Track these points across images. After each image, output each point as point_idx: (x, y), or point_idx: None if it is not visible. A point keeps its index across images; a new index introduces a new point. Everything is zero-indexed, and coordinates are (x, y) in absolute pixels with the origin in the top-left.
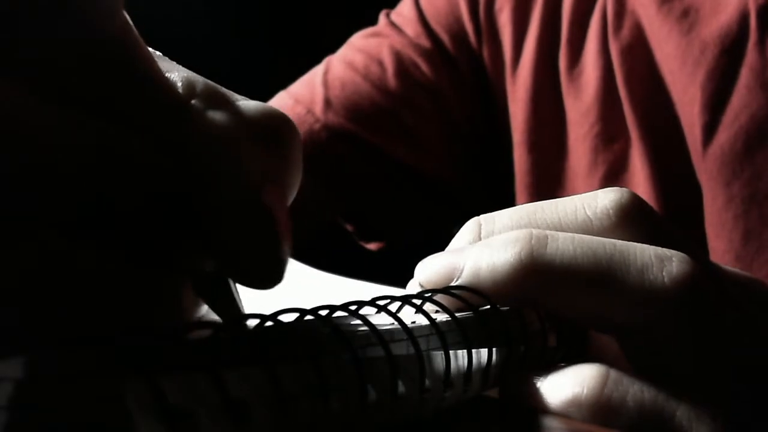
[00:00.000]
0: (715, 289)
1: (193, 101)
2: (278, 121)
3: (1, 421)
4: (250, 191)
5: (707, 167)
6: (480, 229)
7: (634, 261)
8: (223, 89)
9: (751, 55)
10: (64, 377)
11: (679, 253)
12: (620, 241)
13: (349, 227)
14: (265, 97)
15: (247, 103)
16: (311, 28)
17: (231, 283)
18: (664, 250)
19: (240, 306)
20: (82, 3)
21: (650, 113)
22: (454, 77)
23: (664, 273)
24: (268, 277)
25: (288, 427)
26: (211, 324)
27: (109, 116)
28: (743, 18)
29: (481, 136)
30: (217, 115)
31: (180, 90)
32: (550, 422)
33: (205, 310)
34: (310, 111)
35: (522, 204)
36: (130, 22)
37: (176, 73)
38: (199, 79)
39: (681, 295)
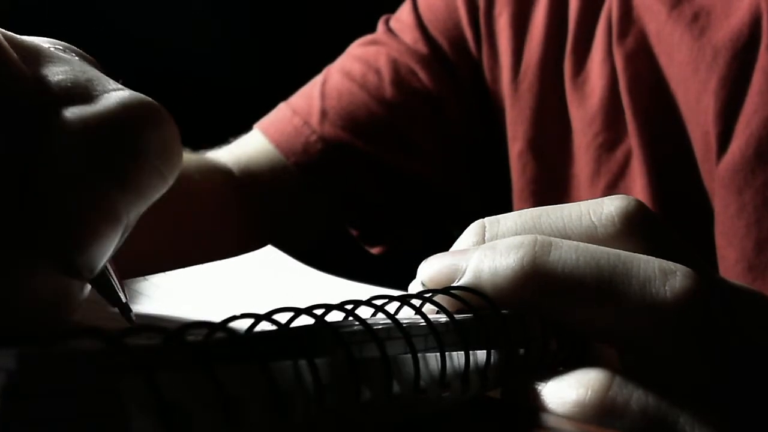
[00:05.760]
0: (717, 305)
1: (56, 101)
2: (138, 115)
3: None
4: (73, 195)
5: (720, 175)
6: (484, 231)
7: (636, 273)
8: (99, 82)
9: (763, 59)
10: (59, 370)
11: (683, 267)
12: (625, 252)
13: (353, 232)
14: (268, 104)
15: (109, 98)
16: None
17: (108, 267)
18: (669, 263)
19: (117, 288)
20: None
21: (653, 121)
22: (452, 83)
23: (666, 287)
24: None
25: (282, 426)
26: (207, 323)
27: None
28: (755, 20)
29: (479, 141)
30: (69, 116)
31: (45, 89)
32: (550, 422)
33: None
34: (306, 122)
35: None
36: None
37: (50, 70)
38: (68, 76)
39: (682, 311)
